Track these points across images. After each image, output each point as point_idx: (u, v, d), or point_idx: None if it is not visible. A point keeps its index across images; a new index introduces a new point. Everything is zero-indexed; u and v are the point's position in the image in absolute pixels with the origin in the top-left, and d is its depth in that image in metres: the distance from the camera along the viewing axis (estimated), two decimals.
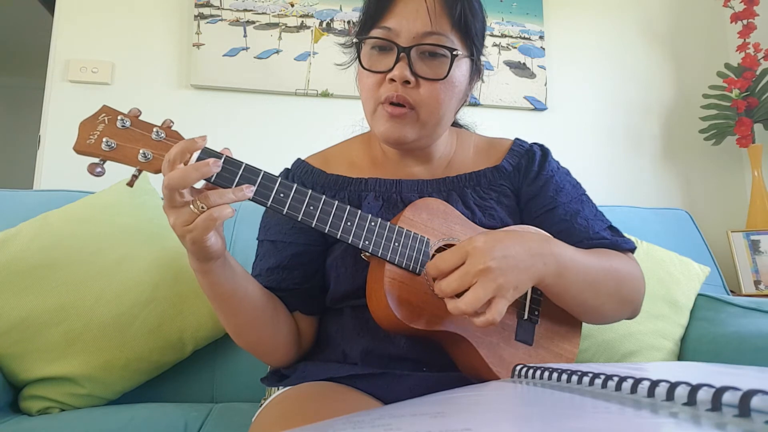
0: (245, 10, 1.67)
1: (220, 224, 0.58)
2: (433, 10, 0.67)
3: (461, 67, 0.71)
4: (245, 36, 1.66)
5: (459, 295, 0.56)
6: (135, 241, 1.04)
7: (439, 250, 0.67)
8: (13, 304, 0.91)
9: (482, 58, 0.77)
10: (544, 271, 0.61)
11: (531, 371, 0.41)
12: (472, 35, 0.71)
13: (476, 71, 0.76)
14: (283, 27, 1.69)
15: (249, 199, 0.58)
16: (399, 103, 0.68)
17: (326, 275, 0.75)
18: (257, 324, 0.69)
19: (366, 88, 0.72)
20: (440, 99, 0.69)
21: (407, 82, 0.67)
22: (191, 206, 0.54)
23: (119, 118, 0.59)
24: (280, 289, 0.73)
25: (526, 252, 0.60)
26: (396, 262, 0.63)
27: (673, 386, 0.28)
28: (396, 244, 0.63)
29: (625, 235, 0.79)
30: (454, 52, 0.68)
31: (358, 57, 0.72)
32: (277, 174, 0.63)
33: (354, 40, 0.73)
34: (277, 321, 0.71)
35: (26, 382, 0.93)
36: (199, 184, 0.56)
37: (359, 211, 0.63)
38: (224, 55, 1.63)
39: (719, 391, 0.25)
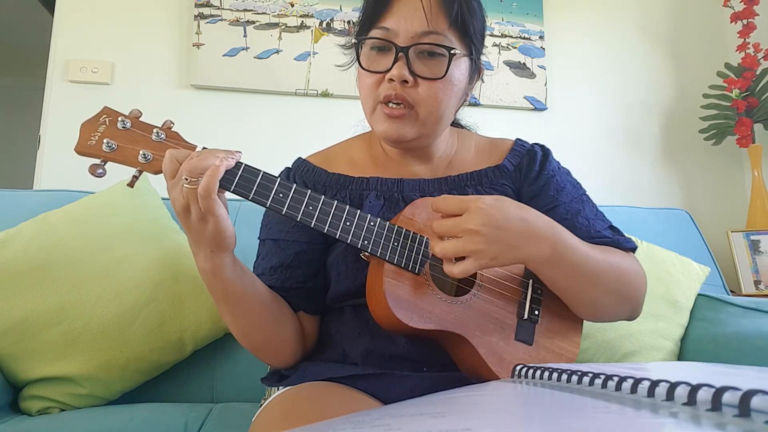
0: (245, 10, 1.67)
1: (221, 204, 0.57)
2: (429, 9, 0.67)
3: (460, 67, 0.71)
4: (245, 36, 1.66)
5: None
6: (135, 241, 1.04)
7: None
8: (13, 304, 0.92)
9: (482, 58, 0.77)
10: (534, 256, 0.62)
11: (531, 371, 0.41)
12: (470, 34, 0.71)
13: (476, 70, 0.76)
14: (283, 27, 1.69)
15: (249, 200, 0.58)
16: (398, 102, 0.69)
17: (327, 274, 0.75)
18: (265, 324, 0.69)
19: (365, 88, 0.72)
20: (439, 98, 0.69)
21: (405, 81, 0.68)
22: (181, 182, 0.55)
23: (120, 119, 0.59)
24: (283, 288, 0.73)
25: (524, 232, 0.60)
26: (395, 262, 0.63)
27: (673, 386, 0.28)
28: (395, 243, 0.64)
29: (626, 235, 0.79)
30: (452, 51, 0.68)
31: (358, 57, 0.72)
32: (277, 173, 0.63)
33: (353, 41, 0.74)
34: (284, 320, 0.71)
35: (26, 382, 0.93)
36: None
37: (358, 211, 0.63)
38: (224, 55, 1.63)
39: (719, 391, 0.25)
